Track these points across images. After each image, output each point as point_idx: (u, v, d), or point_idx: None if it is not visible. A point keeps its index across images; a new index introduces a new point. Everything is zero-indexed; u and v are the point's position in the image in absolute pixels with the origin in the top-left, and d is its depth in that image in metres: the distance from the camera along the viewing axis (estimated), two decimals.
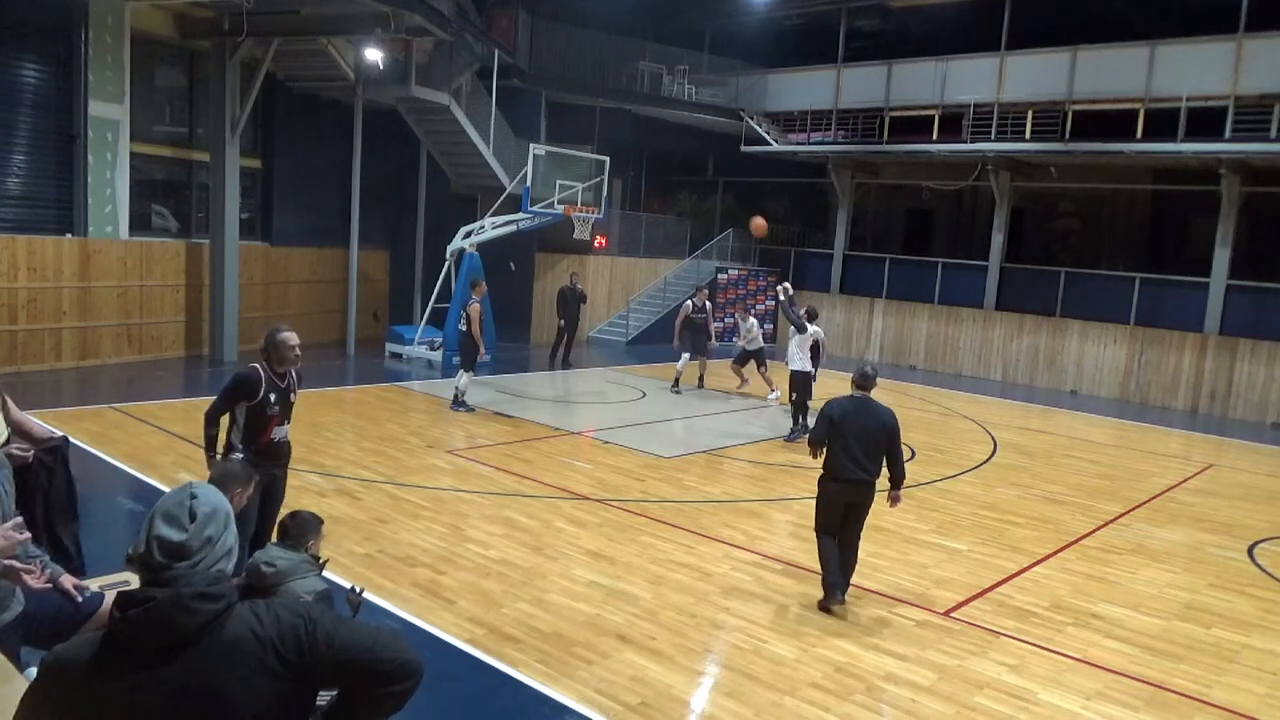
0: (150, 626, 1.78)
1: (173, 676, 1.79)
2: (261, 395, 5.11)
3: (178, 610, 1.79)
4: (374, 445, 9.79)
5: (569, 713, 4.60)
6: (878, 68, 20.22)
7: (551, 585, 6.20)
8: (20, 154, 12.52)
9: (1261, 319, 16.23)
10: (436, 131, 17.82)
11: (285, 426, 5.37)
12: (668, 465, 9.81)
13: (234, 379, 5.18)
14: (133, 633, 1.79)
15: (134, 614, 1.79)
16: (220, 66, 13.93)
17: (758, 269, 22.77)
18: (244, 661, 1.82)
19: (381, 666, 1.94)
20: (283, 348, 5.14)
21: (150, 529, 1.90)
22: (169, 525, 1.89)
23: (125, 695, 1.78)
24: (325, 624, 1.92)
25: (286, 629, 1.88)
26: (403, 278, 19.33)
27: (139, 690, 1.78)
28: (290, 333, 5.21)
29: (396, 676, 1.96)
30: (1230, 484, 10.91)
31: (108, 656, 1.80)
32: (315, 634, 1.89)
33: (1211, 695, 5.23)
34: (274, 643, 1.85)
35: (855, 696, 4.93)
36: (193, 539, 1.89)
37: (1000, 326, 19.08)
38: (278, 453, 5.37)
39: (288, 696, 1.87)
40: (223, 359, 14.38)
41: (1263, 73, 15.42)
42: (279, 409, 5.23)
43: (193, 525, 1.90)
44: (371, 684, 1.96)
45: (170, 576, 1.84)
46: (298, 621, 1.90)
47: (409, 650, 2.00)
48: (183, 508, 1.92)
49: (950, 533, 8.07)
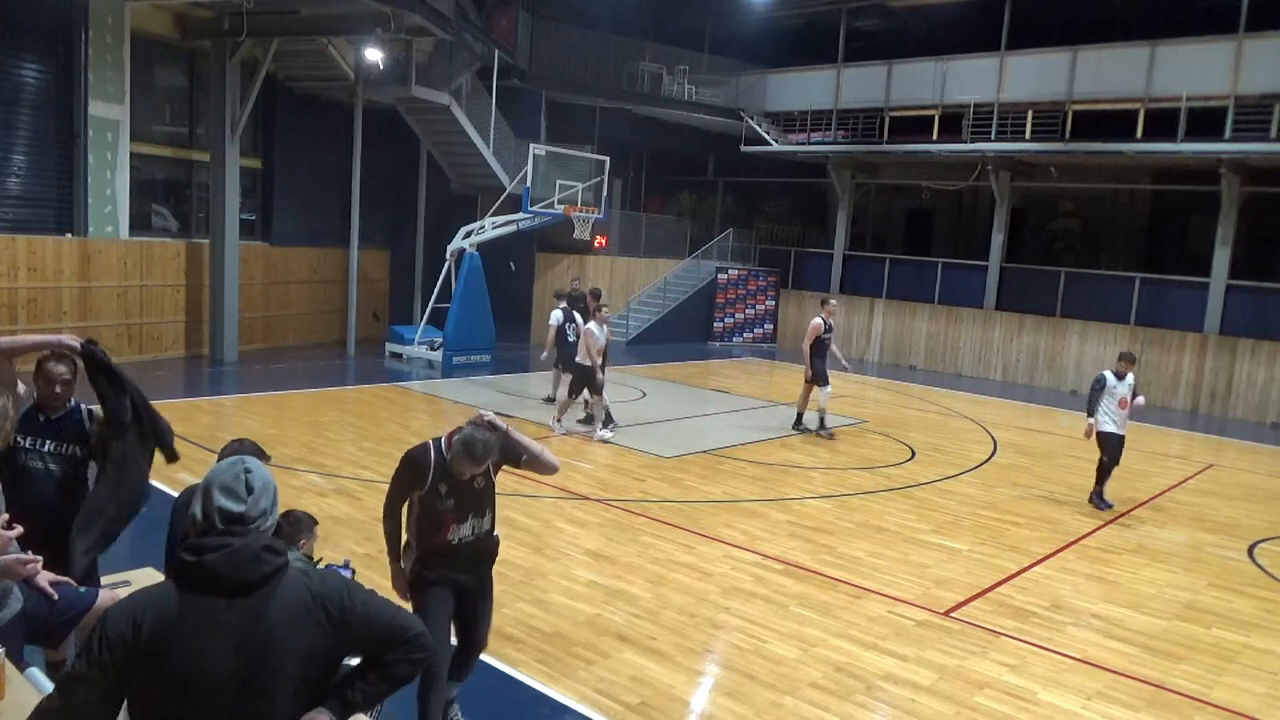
0: (229, 567, 2.06)
1: (244, 613, 2.06)
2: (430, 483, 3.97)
3: (250, 556, 2.09)
4: (374, 445, 9.79)
5: (569, 713, 4.60)
6: (878, 68, 20.23)
7: (551, 585, 6.21)
8: (20, 154, 12.52)
9: (1261, 319, 16.23)
10: (436, 131, 17.82)
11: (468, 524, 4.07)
12: (668, 465, 9.81)
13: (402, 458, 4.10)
14: (213, 571, 2.06)
15: (212, 558, 2.06)
16: (220, 66, 13.94)
17: (758, 269, 22.77)
18: (297, 610, 2.10)
19: (401, 636, 2.24)
20: (463, 461, 3.90)
21: (210, 500, 2.16)
22: (228, 497, 2.16)
23: (206, 627, 2.04)
24: (360, 592, 2.23)
25: (331, 589, 2.17)
26: (403, 278, 19.33)
27: (215, 622, 2.05)
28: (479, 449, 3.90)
29: (412, 647, 2.25)
30: (1230, 484, 10.91)
31: (188, 596, 2.07)
32: (354, 597, 2.19)
33: (1211, 695, 5.23)
34: (323, 598, 2.14)
35: (855, 696, 4.93)
36: (251, 509, 2.17)
37: (1000, 326, 19.08)
38: (456, 555, 4.05)
39: (323, 651, 2.15)
40: (223, 359, 14.38)
41: (1263, 73, 15.42)
42: (453, 503, 3.99)
43: (250, 497, 2.18)
44: (390, 651, 2.23)
45: (222, 539, 2.11)
46: (340, 585, 2.21)
47: (421, 625, 2.32)
48: (239, 481, 2.18)
49: (950, 533, 8.07)
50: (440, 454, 3.96)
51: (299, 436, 9.92)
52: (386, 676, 2.25)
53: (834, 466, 10.29)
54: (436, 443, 4.01)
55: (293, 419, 10.82)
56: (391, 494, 4.11)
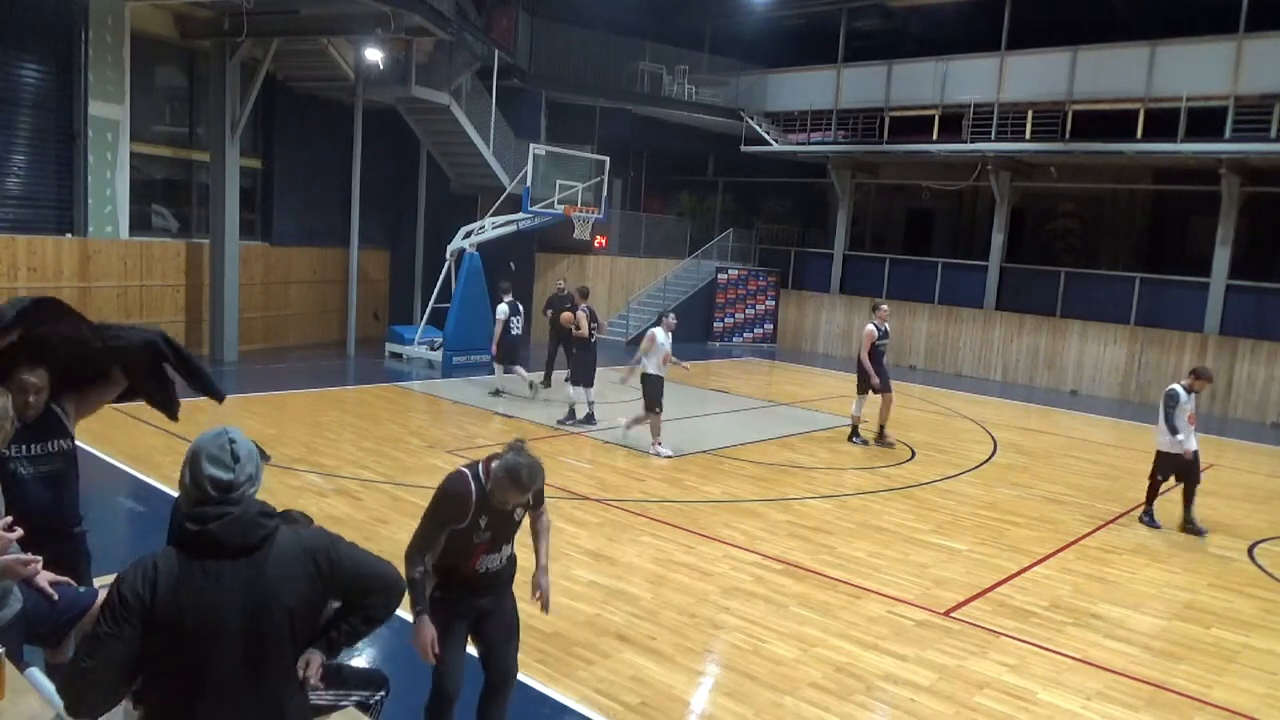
0: (232, 532, 2.29)
1: (246, 571, 2.30)
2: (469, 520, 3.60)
3: (249, 522, 2.31)
4: (374, 445, 9.79)
5: (569, 713, 4.60)
6: (878, 68, 20.23)
7: (551, 585, 6.19)
8: (20, 154, 12.52)
9: (1261, 319, 16.23)
10: (436, 131, 17.82)
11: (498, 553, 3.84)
12: (668, 465, 9.81)
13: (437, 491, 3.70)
14: (219, 538, 2.28)
15: (215, 526, 2.28)
16: (220, 66, 13.93)
17: (758, 269, 22.77)
18: (292, 565, 2.36)
19: (378, 583, 2.55)
20: (507, 490, 3.53)
21: (199, 470, 2.33)
22: (216, 466, 2.33)
23: (213, 588, 2.27)
24: (343, 544, 2.52)
25: (319, 544, 2.45)
26: (403, 278, 19.33)
27: (221, 583, 2.27)
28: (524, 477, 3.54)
29: (389, 591, 2.58)
30: (1230, 484, 10.91)
31: (190, 562, 2.29)
32: (339, 550, 2.48)
33: (1211, 695, 5.23)
34: (313, 553, 2.40)
35: (855, 696, 4.93)
36: (238, 476, 2.35)
37: (1000, 326, 19.08)
38: (480, 582, 3.82)
39: (314, 599, 2.42)
40: (223, 359, 14.38)
41: (1263, 73, 15.42)
42: (490, 535, 3.70)
43: (237, 465, 2.35)
44: (369, 596, 2.54)
45: (221, 508, 2.31)
46: (325, 539, 2.49)
47: (396, 572, 2.62)
48: (225, 451, 2.35)
49: (950, 533, 8.07)
50: (480, 483, 3.53)
51: (299, 436, 9.92)
52: (367, 618, 2.56)
53: (834, 466, 10.29)
54: (474, 471, 3.56)
55: (293, 419, 10.81)
56: (424, 534, 3.58)
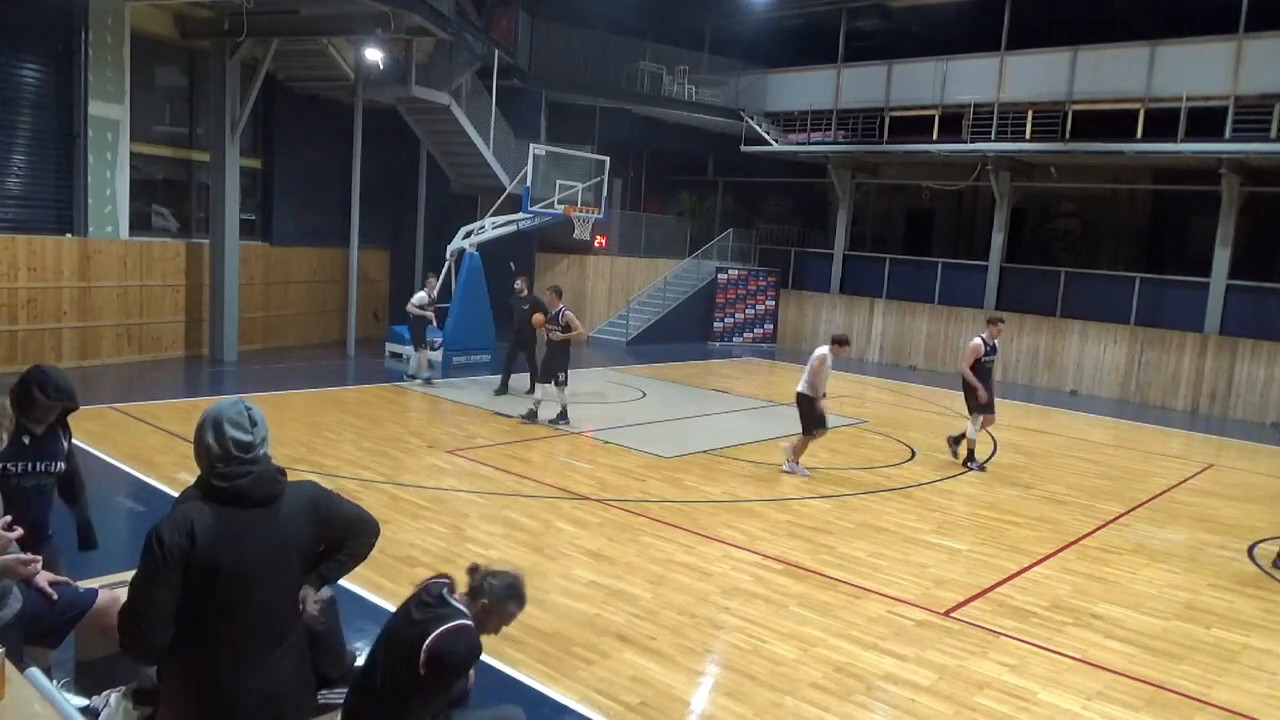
0: (259, 486, 2.71)
1: (267, 519, 2.72)
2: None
3: (269, 478, 2.74)
4: (374, 445, 9.78)
5: (569, 713, 4.60)
6: (878, 68, 20.23)
7: (551, 585, 6.20)
8: (20, 154, 12.52)
9: (1261, 319, 16.23)
10: (436, 131, 17.82)
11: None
12: (668, 465, 9.81)
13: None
14: (248, 491, 2.68)
15: (244, 481, 2.68)
16: (220, 66, 13.93)
17: (758, 269, 22.77)
18: (301, 512, 2.81)
19: (361, 527, 3.05)
20: (512, 606, 3.34)
21: (223, 433, 2.71)
22: (237, 429, 2.73)
23: (244, 533, 2.67)
24: (333, 495, 2.97)
25: (317, 496, 2.91)
26: (403, 278, 19.32)
27: (250, 529, 2.69)
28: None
29: (370, 533, 3.08)
30: (1230, 484, 10.91)
31: (225, 511, 2.67)
32: (331, 500, 2.95)
33: (1211, 695, 5.23)
34: (313, 501, 2.87)
35: (855, 696, 4.93)
36: (255, 437, 2.76)
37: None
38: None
39: (315, 540, 2.89)
40: (223, 359, 14.38)
41: (1263, 73, 15.43)
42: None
43: (254, 428, 2.77)
44: (354, 538, 3.03)
45: (245, 466, 2.71)
46: (320, 491, 2.94)
47: (372, 517, 3.11)
48: (243, 415, 2.76)
49: (950, 533, 8.07)
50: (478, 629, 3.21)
51: (299, 436, 9.91)
52: (352, 555, 3.05)
53: (834, 466, 10.29)
54: (466, 626, 3.15)
55: (293, 419, 10.81)
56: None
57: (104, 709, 3.17)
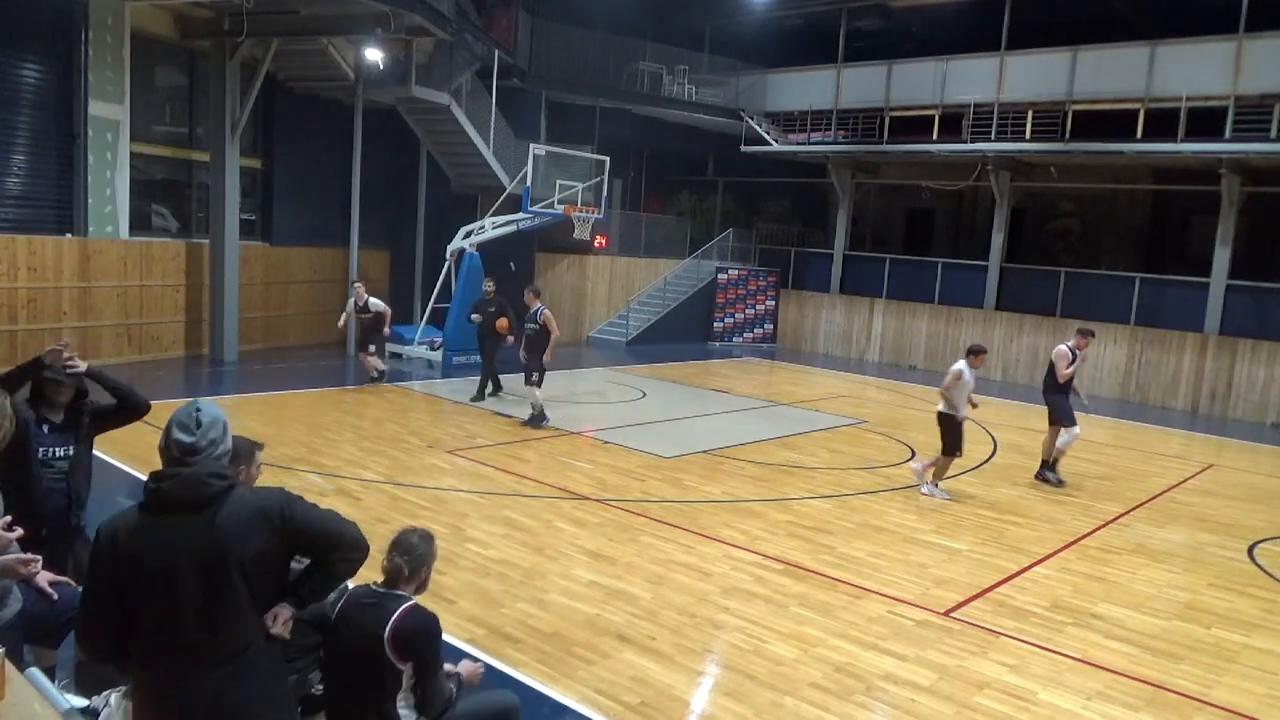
0: (180, 490, 2.60)
1: (196, 526, 2.58)
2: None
3: (197, 481, 2.61)
4: (374, 445, 9.79)
5: (569, 713, 4.60)
6: (878, 68, 20.22)
7: (551, 585, 6.20)
8: (20, 154, 12.52)
9: (1261, 319, 16.22)
10: (436, 131, 17.81)
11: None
12: (668, 465, 9.81)
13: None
14: (168, 495, 2.61)
15: (167, 484, 2.61)
16: (220, 66, 13.93)
17: (758, 269, 22.77)
18: (246, 519, 2.61)
19: (339, 541, 2.76)
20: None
21: (168, 434, 2.69)
22: (182, 431, 2.69)
23: (167, 539, 2.58)
24: (300, 505, 2.73)
25: (271, 502, 2.69)
26: (403, 278, 19.32)
27: (174, 535, 2.58)
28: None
29: (349, 549, 2.78)
30: (1230, 484, 10.91)
31: (149, 516, 2.62)
32: (293, 508, 2.70)
33: (1211, 695, 5.23)
34: (265, 509, 2.65)
35: (855, 696, 4.93)
36: (200, 440, 2.69)
37: (1000, 326, 19.07)
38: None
39: (271, 551, 2.65)
40: (223, 359, 14.38)
41: (1263, 73, 15.42)
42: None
43: (199, 430, 2.70)
44: (331, 554, 2.75)
45: (184, 468, 2.64)
46: (281, 498, 2.72)
47: (360, 532, 2.82)
48: (191, 418, 2.71)
49: (950, 533, 8.07)
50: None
51: (299, 436, 9.92)
52: (330, 574, 2.80)
53: (834, 466, 10.29)
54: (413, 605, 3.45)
55: (292, 419, 10.81)
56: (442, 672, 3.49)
57: (104, 709, 3.17)
